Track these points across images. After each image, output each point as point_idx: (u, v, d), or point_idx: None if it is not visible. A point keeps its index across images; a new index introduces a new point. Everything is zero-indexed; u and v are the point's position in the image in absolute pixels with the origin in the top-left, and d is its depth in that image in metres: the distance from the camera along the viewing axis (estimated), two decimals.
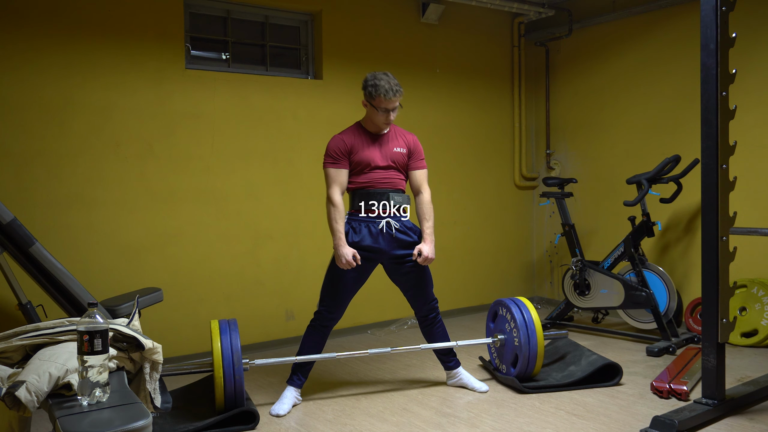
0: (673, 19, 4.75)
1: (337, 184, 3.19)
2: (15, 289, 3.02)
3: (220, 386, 2.91)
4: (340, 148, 3.19)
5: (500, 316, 3.56)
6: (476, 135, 5.46)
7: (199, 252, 4.14)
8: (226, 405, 2.96)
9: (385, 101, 3.11)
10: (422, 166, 3.34)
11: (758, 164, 4.30)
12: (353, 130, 3.27)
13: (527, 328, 3.34)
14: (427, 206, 3.30)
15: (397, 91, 3.12)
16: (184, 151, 4.09)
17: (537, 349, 3.34)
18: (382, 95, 3.09)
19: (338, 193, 3.18)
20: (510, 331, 3.44)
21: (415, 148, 3.33)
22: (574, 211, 5.37)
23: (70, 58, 3.72)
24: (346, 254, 3.13)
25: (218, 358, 2.94)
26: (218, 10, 4.36)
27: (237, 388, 2.93)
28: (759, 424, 2.85)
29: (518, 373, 3.39)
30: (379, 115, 3.16)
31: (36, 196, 3.63)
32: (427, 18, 5.07)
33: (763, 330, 4.10)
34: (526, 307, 3.43)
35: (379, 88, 3.09)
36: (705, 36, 2.82)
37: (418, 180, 3.32)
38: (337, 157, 3.19)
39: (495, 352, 3.63)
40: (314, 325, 3.30)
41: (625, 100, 5.11)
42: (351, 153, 3.20)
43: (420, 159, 3.34)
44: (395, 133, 3.31)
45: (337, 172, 3.19)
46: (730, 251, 2.88)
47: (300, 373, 3.29)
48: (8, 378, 1.90)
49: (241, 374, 2.93)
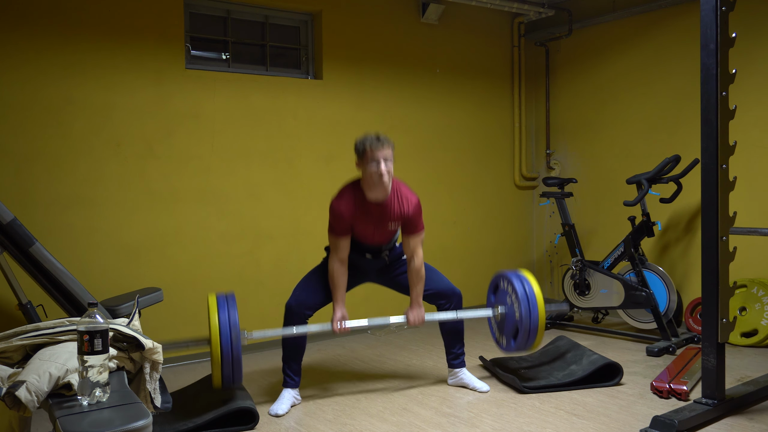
0: (673, 19, 4.75)
1: (338, 253, 3.19)
2: (15, 289, 3.02)
3: (218, 362, 2.81)
4: (341, 220, 3.15)
5: (501, 289, 3.48)
6: (476, 135, 5.46)
7: (199, 252, 4.14)
8: (223, 382, 2.87)
9: (372, 152, 3.03)
10: (417, 232, 3.25)
11: (758, 164, 4.30)
12: (353, 198, 3.16)
13: (528, 300, 3.26)
14: (418, 273, 3.29)
15: (384, 140, 3.07)
16: (184, 151, 4.09)
17: (538, 323, 3.25)
18: (369, 146, 3.04)
19: (337, 262, 3.20)
20: (511, 304, 3.37)
21: (413, 216, 3.21)
22: (574, 211, 5.37)
23: (70, 58, 3.72)
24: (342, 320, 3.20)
25: (215, 332, 2.83)
26: (218, 10, 4.36)
27: (235, 364, 2.83)
28: (759, 424, 2.85)
29: (518, 346, 3.33)
30: (373, 169, 3.04)
31: (36, 196, 3.63)
32: (427, 18, 5.07)
33: (763, 330, 4.10)
34: (527, 280, 3.35)
35: (365, 142, 3.06)
36: (705, 36, 2.82)
37: (411, 246, 3.26)
38: (338, 228, 3.17)
39: (495, 325, 3.56)
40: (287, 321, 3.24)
41: (625, 100, 5.11)
42: (351, 226, 3.19)
43: (415, 226, 3.24)
44: (395, 202, 3.19)
45: (338, 242, 3.18)
46: (730, 251, 2.88)
47: (291, 373, 3.26)
48: (8, 378, 1.90)
49: (239, 349, 2.83)
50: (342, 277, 3.21)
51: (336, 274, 3.20)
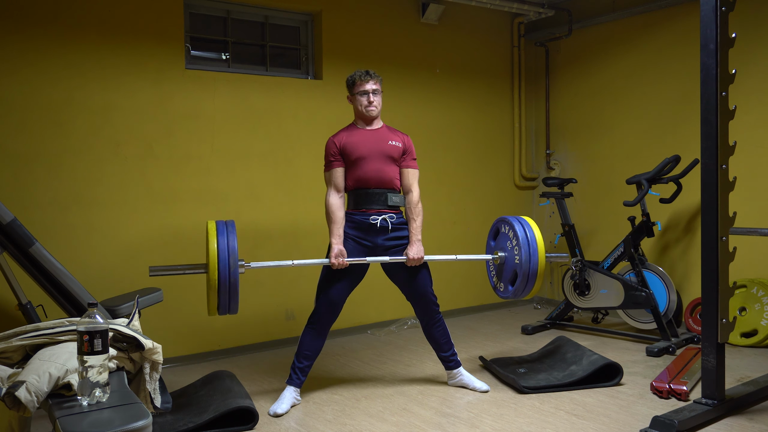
0: (673, 20, 4.75)
1: (333, 186, 3.27)
2: (15, 289, 3.02)
3: (214, 287, 2.77)
4: (331, 150, 3.29)
5: (502, 233, 3.44)
6: (476, 135, 5.46)
7: (199, 252, 4.14)
8: (219, 308, 2.83)
9: (361, 83, 3.28)
10: (414, 166, 3.41)
11: (758, 164, 4.31)
12: (346, 129, 3.38)
13: (529, 245, 3.23)
14: (416, 206, 3.33)
15: (373, 74, 3.31)
16: (184, 151, 4.09)
17: (537, 268, 3.22)
18: (357, 78, 3.28)
19: (334, 194, 3.26)
20: (511, 248, 3.32)
21: (409, 146, 3.41)
22: (574, 211, 5.37)
23: (70, 59, 3.72)
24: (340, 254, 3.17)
25: (213, 257, 2.77)
26: (218, 10, 4.36)
27: (231, 291, 2.80)
28: (759, 424, 2.85)
29: (515, 292, 3.29)
30: (361, 99, 3.30)
31: (36, 196, 3.63)
32: (427, 18, 5.07)
33: (762, 330, 4.10)
34: (529, 225, 3.31)
35: (354, 75, 3.31)
36: (705, 36, 2.82)
37: (409, 178, 3.37)
38: (330, 159, 3.28)
39: (494, 271, 3.52)
40: (311, 324, 3.30)
41: (624, 100, 5.11)
42: (344, 150, 3.26)
43: (412, 158, 3.41)
44: (390, 130, 3.40)
45: (331, 173, 3.28)
46: (729, 251, 2.88)
47: (299, 372, 3.28)
48: (8, 378, 1.90)
49: (236, 276, 2.78)
50: (339, 210, 3.24)
51: (333, 208, 3.23)
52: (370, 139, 3.31)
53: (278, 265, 3.18)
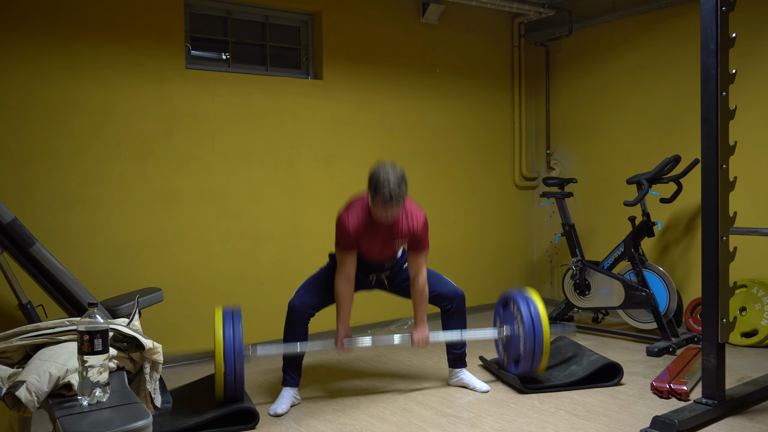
0: (673, 19, 4.75)
1: (347, 268, 3.19)
2: (15, 289, 3.02)
3: (221, 374, 2.90)
4: (348, 240, 3.14)
5: (509, 311, 3.51)
6: (476, 135, 5.46)
7: (199, 252, 4.14)
8: (225, 394, 2.94)
9: (382, 206, 3.00)
10: (422, 250, 3.25)
11: (758, 164, 4.30)
12: (361, 213, 3.14)
13: (534, 330, 3.28)
14: (422, 293, 3.30)
15: (397, 199, 2.97)
16: (185, 151, 4.09)
17: (542, 352, 3.29)
18: (380, 200, 2.98)
19: (348, 279, 3.20)
20: (517, 330, 3.39)
21: (419, 234, 3.20)
22: (574, 211, 5.37)
23: (70, 58, 3.72)
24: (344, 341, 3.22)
25: (219, 345, 2.92)
26: (218, 10, 4.36)
27: (237, 377, 2.92)
28: (759, 424, 2.85)
29: (522, 370, 3.36)
30: (377, 212, 3.05)
31: (36, 196, 3.63)
32: (427, 18, 5.07)
33: (763, 330, 4.10)
34: (535, 305, 3.34)
35: (378, 192, 2.96)
36: (705, 36, 2.82)
37: (416, 265, 3.27)
38: (346, 245, 3.16)
39: (501, 345, 3.61)
40: (289, 320, 3.25)
41: (625, 100, 5.10)
42: (357, 241, 3.18)
43: (422, 244, 3.23)
44: (403, 219, 3.18)
45: (348, 257, 3.18)
46: (730, 251, 2.88)
47: (291, 372, 3.26)
48: (8, 378, 1.90)
49: (242, 363, 2.92)
50: (348, 296, 3.20)
51: (342, 293, 3.19)
52: (381, 234, 3.18)
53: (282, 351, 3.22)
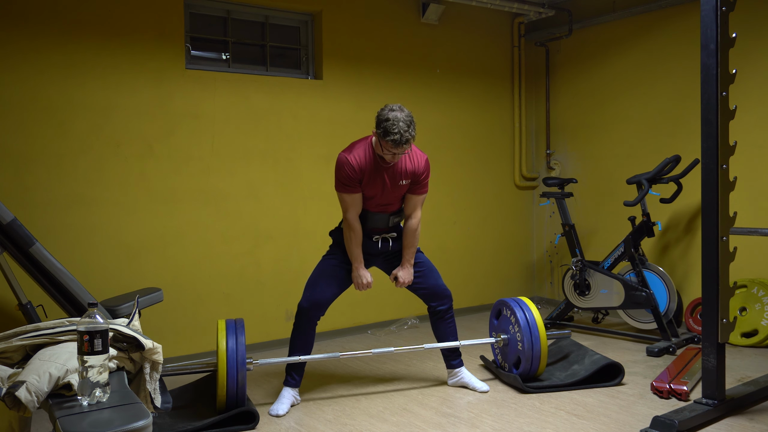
0: (673, 19, 4.75)
1: (354, 208, 3.20)
2: (15, 289, 3.02)
3: (223, 386, 2.93)
4: (352, 178, 3.13)
5: (504, 316, 3.57)
6: (476, 135, 5.46)
7: (199, 252, 4.14)
8: (227, 404, 2.97)
9: (393, 147, 3.00)
10: (421, 191, 3.28)
11: (758, 164, 4.30)
12: (364, 155, 3.14)
13: (530, 330, 3.35)
14: (413, 234, 3.30)
15: (407, 140, 2.98)
16: (185, 151, 4.09)
17: (540, 352, 3.35)
18: (390, 142, 2.98)
19: (356, 217, 3.21)
20: (514, 333, 3.45)
21: (421, 175, 3.23)
22: (574, 211, 5.37)
23: (70, 58, 3.72)
24: (365, 276, 3.26)
25: (222, 357, 2.95)
26: (218, 10, 4.36)
27: (239, 389, 2.95)
28: (759, 424, 2.85)
29: (522, 374, 3.40)
30: (384, 153, 3.06)
31: (36, 196, 3.63)
32: (427, 18, 5.06)
33: (763, 330, 4.10)
34: (529, 309, 3.44)
35: (389, 133, 2.96)
36: (705, 36, 2.82)
37: (412, 204, 3.29)
38: (351, 184, 3.14)
39: (499, 352, 3.65)
40: (298, 323, 3.28)
41: (625, 100, 5.11)
42: (361, 180, 3.16)
43: (423, 185, 3.26)
44: (406, 159, 3.20)
45: (352, 197, 3.18)
46: (730, 251, 2.88)
47: (294, 372, 3.28)
48: (8, 378, 1.90)
49: (244, 375, 2.95)
50: (359, 234, 3.21)
51: (353, 233, 3.19)
52: (385, 176, 3.17)
53: (283, 361, 3.25)
